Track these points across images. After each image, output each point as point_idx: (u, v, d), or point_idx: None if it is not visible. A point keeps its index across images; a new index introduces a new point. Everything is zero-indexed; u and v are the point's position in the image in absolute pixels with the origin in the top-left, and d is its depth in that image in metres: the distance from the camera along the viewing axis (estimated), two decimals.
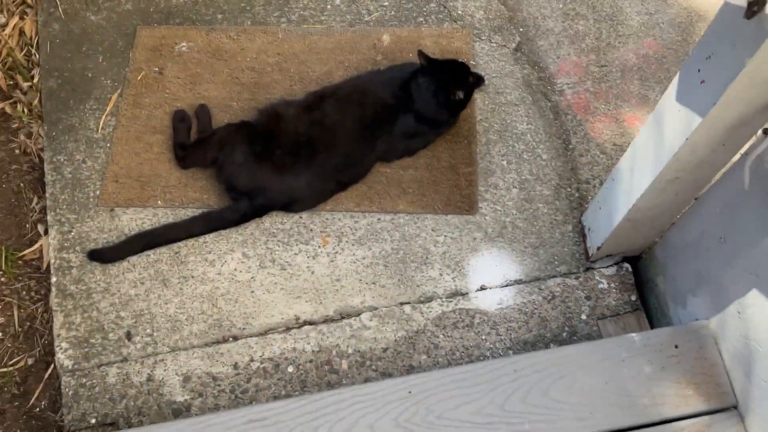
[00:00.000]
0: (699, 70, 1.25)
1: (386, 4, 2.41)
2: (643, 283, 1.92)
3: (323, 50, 2.29)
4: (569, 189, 2.06)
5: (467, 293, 1.90)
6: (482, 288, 1.91)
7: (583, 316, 1.86)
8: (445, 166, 2.08)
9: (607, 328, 1.84)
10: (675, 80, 1.35)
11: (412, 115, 2.01)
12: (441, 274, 1.93)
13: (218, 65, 2.26)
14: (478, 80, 2.12)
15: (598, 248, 1.84)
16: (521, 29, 2.37)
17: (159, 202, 2.03)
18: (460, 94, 1.99)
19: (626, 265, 1.92)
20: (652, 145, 1.46)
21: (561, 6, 2.42)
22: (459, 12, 2.39)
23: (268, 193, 1.95)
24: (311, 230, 2.00)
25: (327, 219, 2.01)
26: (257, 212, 1.98)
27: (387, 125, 2.01)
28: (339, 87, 2.10)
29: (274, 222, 2.00)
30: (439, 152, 2.11)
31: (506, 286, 1.91)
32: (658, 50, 2.30)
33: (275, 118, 2.01)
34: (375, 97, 2.03)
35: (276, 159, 1.94)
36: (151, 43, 2.32)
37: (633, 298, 1.88)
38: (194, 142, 2.09)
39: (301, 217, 2.01)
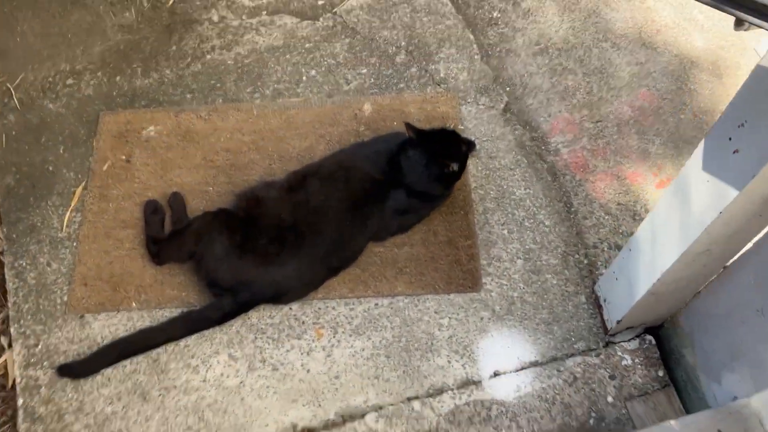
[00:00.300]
0: (730, 139, 1.13)
1: (364, 71, 2.29)
2: (667, 353, 1.77)
3: (302, 124, 2.15)
4: (577, 255, 1.92)
5: (480, 381, 1.73)
6: (496, 374, 1.74)
7: (609, 398, 1.70)
8: (442, 241, 1.94)
9: (636, 409, 1.68)
10: (700, 148, 1.23)
11: (404, 190, 1.88)
12: (449, 362, 1.76)
13: (190, 148, 2.11)
14: (470, 146, 1.99)
15: (618, 321, 1.70)
16: (508, 88, 2.26)
17: (133, 304, 1.85)
18: (455, 166, 1.86)
19: (649, 337, 1.77)
20: (677, 217, 1.33)
21: (547, 62, 2.32)
22: (441, 75, 2.28)
23: (253, 286, 1.78)
24: (303, 323, 1.82)
25: (320, 308, 1.85)
26: (242, 308, 1.81)
27: (377, 202, 1.87)
28: (322, 164, 1.96)
29: (262, 317, 1.83)
30: (434, 226, 1.96)
31: (522, 369, 1.75)
32: (653, 101, 2.20)
33: (255, 203, 1.86)
34: (362, 172, 1.89)
35: (259, 248, 1.79)
36: (116, 130, 2.16)
37: (660, 373, 1.72)
38: (169, 235, 1.93)
39: (291, 309, 1.84)
